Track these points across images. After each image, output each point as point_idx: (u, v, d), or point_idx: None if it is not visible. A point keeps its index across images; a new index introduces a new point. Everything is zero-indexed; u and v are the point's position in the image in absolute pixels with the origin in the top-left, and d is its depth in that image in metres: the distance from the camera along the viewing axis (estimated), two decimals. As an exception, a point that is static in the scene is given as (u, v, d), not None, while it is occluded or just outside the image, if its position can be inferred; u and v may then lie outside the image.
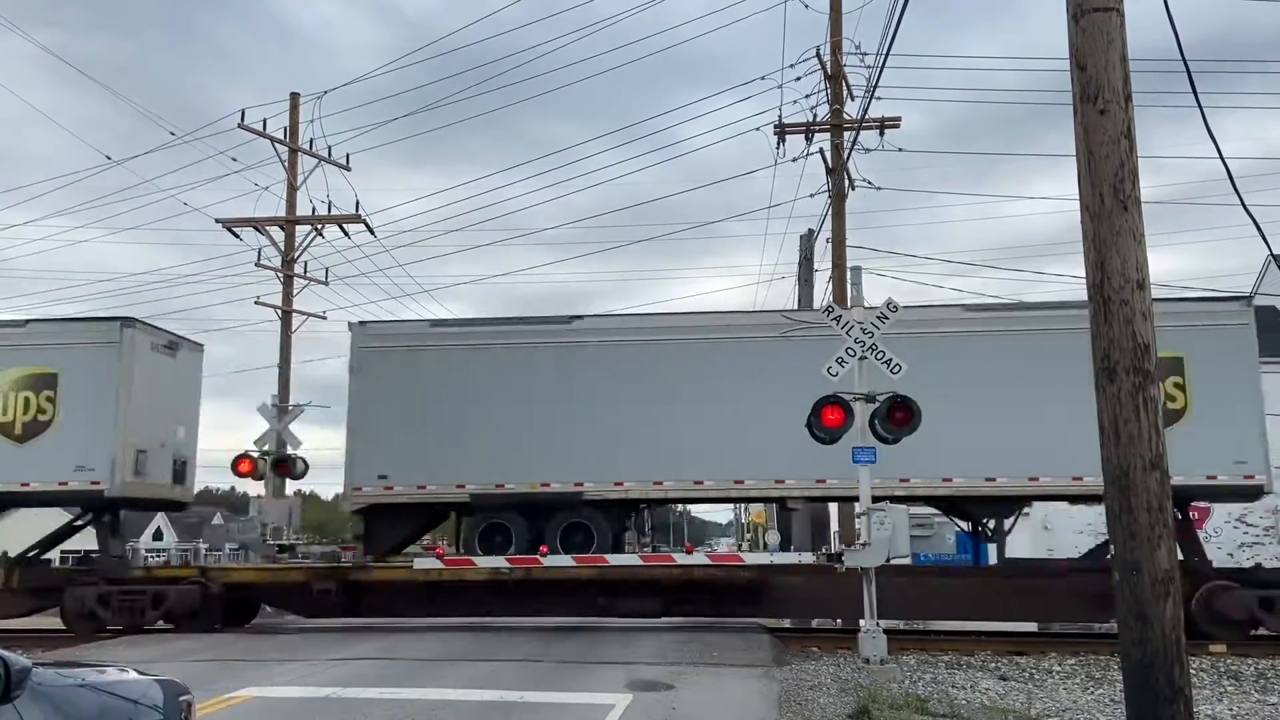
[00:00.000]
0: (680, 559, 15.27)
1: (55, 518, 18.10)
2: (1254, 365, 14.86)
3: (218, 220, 25.99)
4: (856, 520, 14.56)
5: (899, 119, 21.45)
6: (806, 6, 22.51)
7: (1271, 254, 7.67)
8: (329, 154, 26.65)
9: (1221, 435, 14.49)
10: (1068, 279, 29.08)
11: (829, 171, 21.71)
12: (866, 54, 21.87)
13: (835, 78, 21.75)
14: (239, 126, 25.33)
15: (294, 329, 25.98)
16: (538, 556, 14.74)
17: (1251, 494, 15.12)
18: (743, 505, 42.53)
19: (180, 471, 17.78)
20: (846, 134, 21.57)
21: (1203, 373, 14.74)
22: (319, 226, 26.29)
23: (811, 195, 23.01)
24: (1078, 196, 6.27)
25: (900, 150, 21.96)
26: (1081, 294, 6.35)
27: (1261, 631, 14.29)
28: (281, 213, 26.21)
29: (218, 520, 47.52)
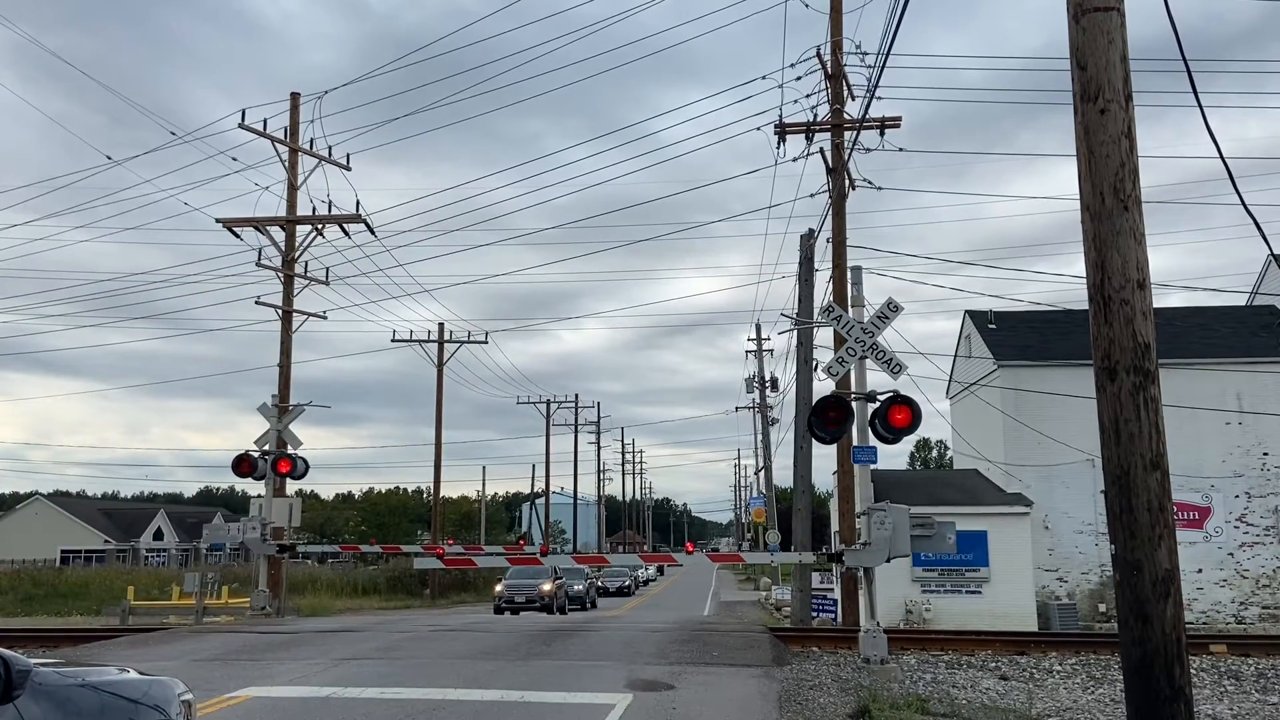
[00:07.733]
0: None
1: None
2: None
3: (218, 220, 25.93)
4: (857, 520, 14.55)
5: (899, 118, 21.42)
6: (807, 5, 22.49)
7: (1272, 253, 7.67)
8: (329, 154, 26.64)
9: None
10: (1068, 277, 29.12)
11: (829, 171, 21.68)
12: (867, 54, 21.86)
13: (836, 77, 21.72)
14: (240, 126, 25.29)
15: (294, 329, 25.96)
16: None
17: None
18: (744, 507, 42.40)
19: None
20: (847, 134, 21.55)
21: None
22: (319, 226, 26.25)
23: (812, 195, 23.00)
24: (1076, 195, 6.26)
25: (901, 150, 21.95)
26: (1073, 291, 6.34)
27: None
28: (279, 213, 26.17)
29: (218, 521, 47.57)
